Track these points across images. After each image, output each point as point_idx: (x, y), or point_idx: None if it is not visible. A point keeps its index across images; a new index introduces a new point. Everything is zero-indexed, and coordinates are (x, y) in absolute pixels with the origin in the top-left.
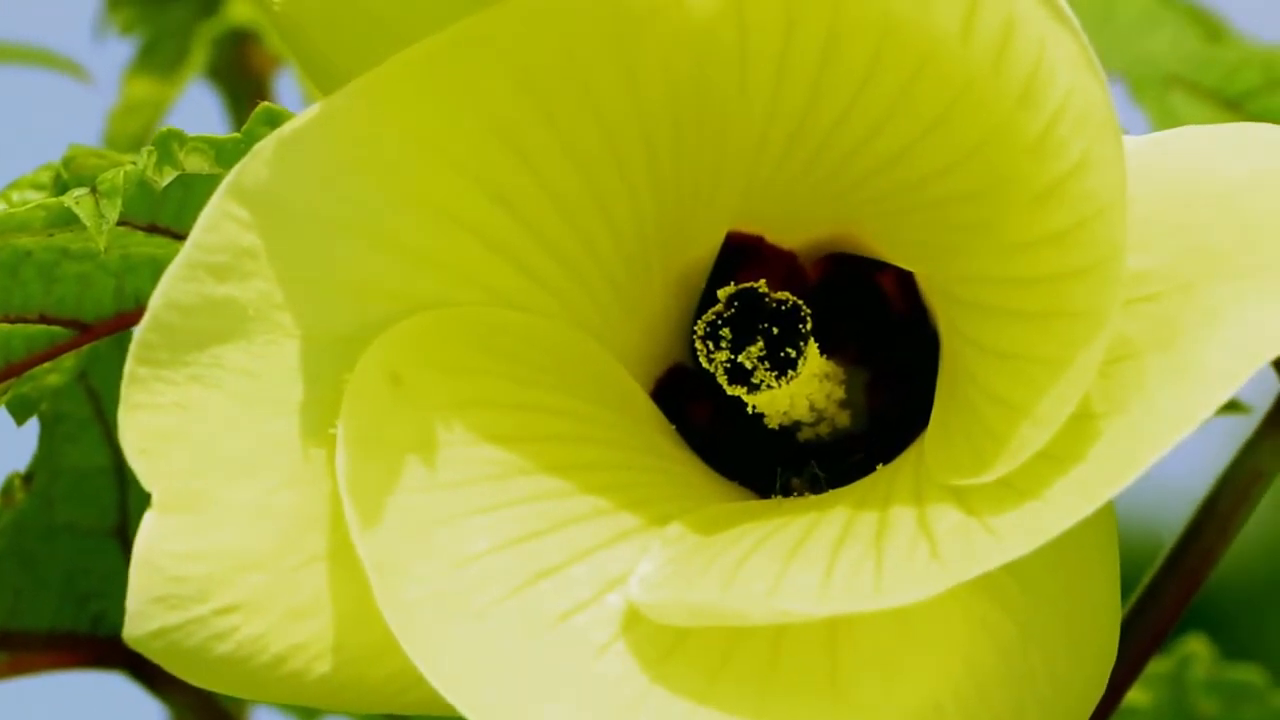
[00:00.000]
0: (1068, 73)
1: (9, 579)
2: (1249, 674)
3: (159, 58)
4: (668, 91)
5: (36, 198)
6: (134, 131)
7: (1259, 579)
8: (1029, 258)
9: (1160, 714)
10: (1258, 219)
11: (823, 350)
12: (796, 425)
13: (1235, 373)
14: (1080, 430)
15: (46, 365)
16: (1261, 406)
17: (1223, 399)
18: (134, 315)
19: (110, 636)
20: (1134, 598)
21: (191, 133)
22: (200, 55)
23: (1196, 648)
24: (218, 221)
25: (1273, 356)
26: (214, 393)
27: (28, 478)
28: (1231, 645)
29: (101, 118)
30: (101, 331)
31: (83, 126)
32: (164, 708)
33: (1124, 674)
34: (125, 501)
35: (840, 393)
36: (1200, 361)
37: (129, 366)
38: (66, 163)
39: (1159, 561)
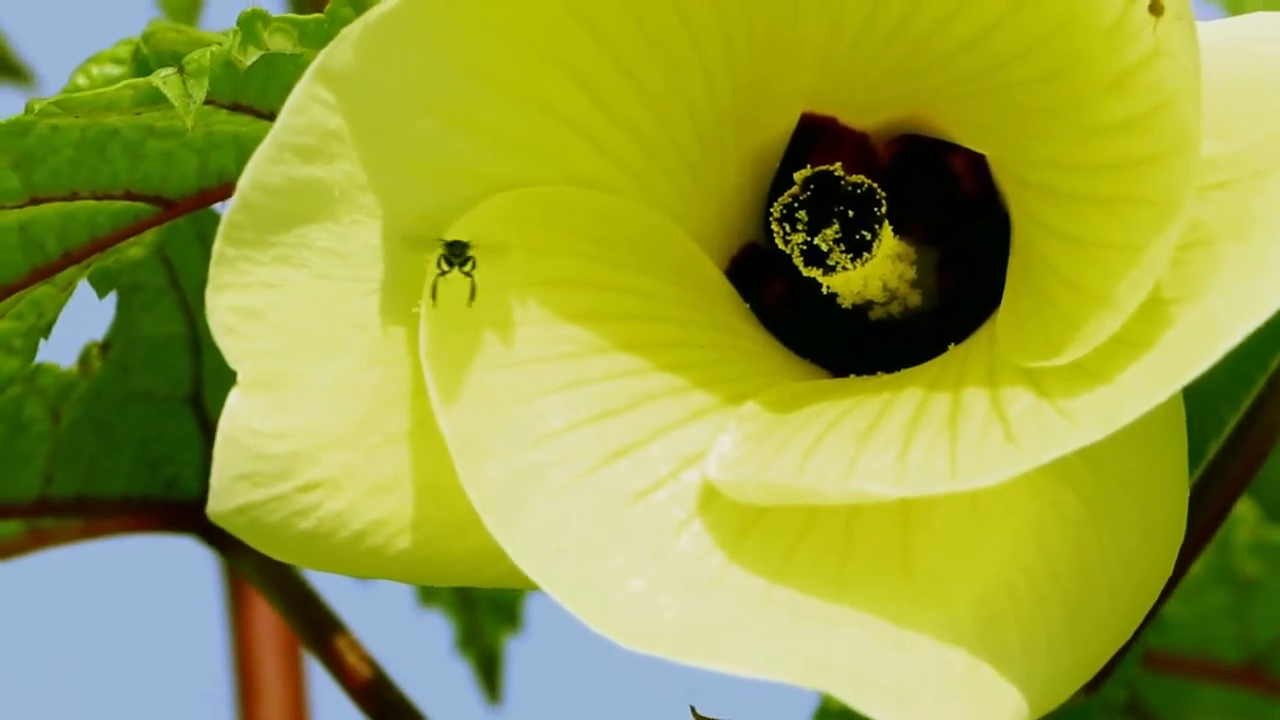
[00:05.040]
0: None
1: (85, 445)
2: None
3: None
4: None
5: (116, 71)
6: None
7: None
8: (1102, 143)
9: (1205, 576)
10: None
11: (894, 231)
12: (869, 304)
13: None
14: (1153, 316)
15: (130, 239)
16: None
17: None
18: (216, 192)
19: (181, 501)
20: (1198, 474)
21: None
22: None
23: (1241, 510)
24: (304, 105)
25: None
26: (299, 272)
27: (105, 346)
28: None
29: None
30: (184, 208)
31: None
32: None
33: (1189, 549)
34: (200, 370)
35: (912, 273)
36: (1273, 250)
37: (217, 247)
38: (146, 38)
39: (1223, 437)
